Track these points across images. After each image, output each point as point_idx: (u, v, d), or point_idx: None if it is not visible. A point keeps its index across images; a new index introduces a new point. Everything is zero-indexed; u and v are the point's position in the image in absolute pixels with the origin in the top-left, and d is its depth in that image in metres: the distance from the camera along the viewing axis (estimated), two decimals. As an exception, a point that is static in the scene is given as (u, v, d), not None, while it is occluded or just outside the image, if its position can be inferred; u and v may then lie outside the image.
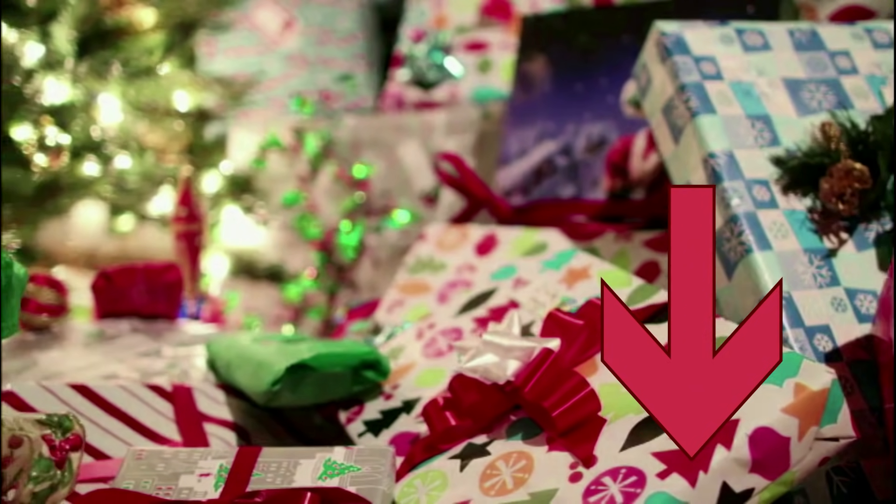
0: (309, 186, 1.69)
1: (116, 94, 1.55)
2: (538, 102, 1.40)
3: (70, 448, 0.78)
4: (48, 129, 1.45)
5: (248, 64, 1.87)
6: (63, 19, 1.45)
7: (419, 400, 1.03)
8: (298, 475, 0.89)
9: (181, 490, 0.88)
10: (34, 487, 0.76)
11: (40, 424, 0.77)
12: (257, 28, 1.86)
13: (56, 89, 1.48)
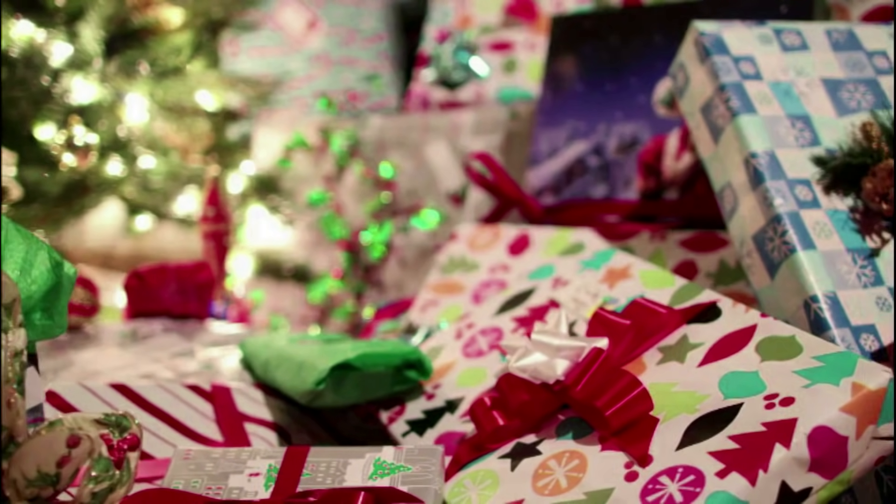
0: (335, 186, 1.69)
1: (144, 93, 1.55)
2: (569, 102, 1.40)
3: (128, 448, 0.77)
4: (76, 128, 1.45)
5: (272, 64, 1.87)
6: (90, 19, 1.45)
7: (463, 399, 1.03)
8: (349, 475, 0.89)
9: (231, 490, 0.88)
10: (94, 487, 0.76)
11: (99, 424, 0.77)
12: (281, 28, 1.86)
13: (84, 89, 1.48)
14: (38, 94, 1.49)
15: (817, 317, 0.95)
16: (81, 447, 0.77)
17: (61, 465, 0.77)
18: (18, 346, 0.78)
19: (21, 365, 0.78)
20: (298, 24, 1.86)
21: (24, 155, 1.45)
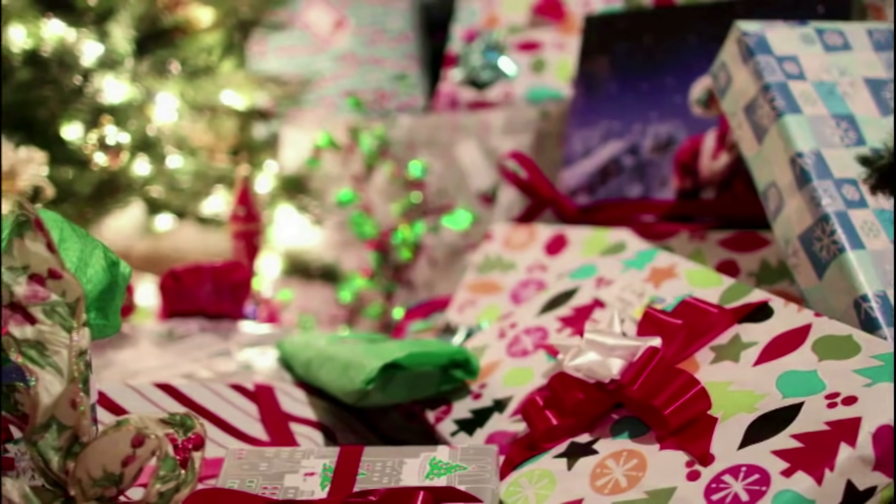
0: (363, 186, 1.69)
1: (175, 93, 1.54)
2: (603, 102, 1.40)
3: (192, 447, 0.77)
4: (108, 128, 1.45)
5: (299, 63, 1.86)
6: (121, 18, 1.44)
7: (511, 399, 1.03)
8: (405, 474, 0.89)
9: (287, 490, 0.88)
10: (161, 487, 0.75)
11: (164, 424, 0.77)
12: (308, 27, 1.86)
13: (115, 88, 1.48)
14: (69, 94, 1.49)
15: (868, 316, 0.95)
16: (146, 447, 0.77)
17: (126, 464, 0.77)
18: (83, 346, 0.78)
19: (86, 364, 0.78)
20: (325, 24, 1.86)
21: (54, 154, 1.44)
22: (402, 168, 1.65)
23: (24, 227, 0.77)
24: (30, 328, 0.77)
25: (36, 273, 0.78)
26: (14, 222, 0.77)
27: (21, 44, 1.47)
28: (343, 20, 1.87)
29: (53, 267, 0.78)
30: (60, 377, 0.77)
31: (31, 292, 0.77)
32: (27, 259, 0.77)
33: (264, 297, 1.69)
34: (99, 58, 1.47)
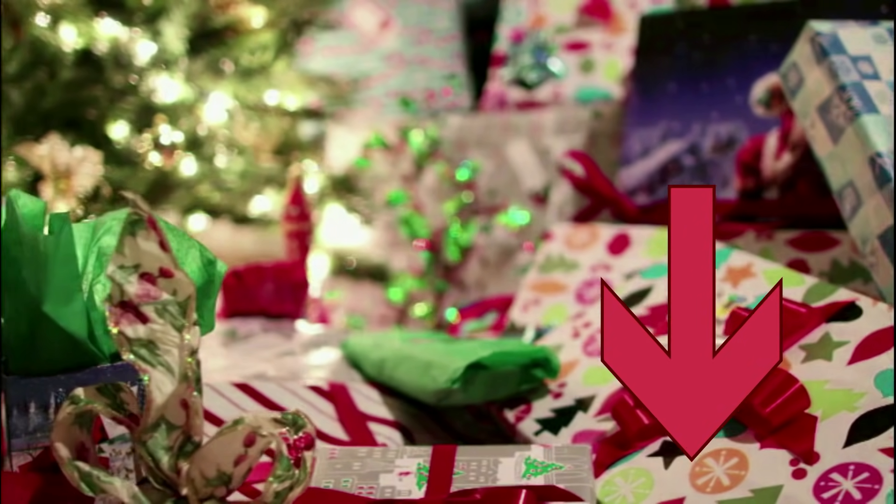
0: (413, 185, 1.68)
1: (228, 93, 1.54)
2: (661, 102, 1.40)
3: (304, 446, 0.77)
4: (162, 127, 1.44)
5: (345, 63, 1.86)
6: (174, 17, 1.44)
7: (594, 398, 1.02)
8: (501, 473, 0.89)
9: (384, 489, 0.88)
10: (277, 486, 0.75)
11: (277, 423, 0.77)
12: (354, 27, 1.85)
13: (169, 88, 1.48)
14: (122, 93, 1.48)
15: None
16: (257, 446, 0.77)
17: (237, 463, 0.77)
18: (195, 345, 0.78)
19: (198, 363, 0.78)
20: (371, 24, 1.86)
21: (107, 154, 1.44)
22: (453, 168, 1.64)
23: (137, 226, 0.77)
24: (141, 327, 0.77)
25: (147, 272, 0.77)
26: (126, 221, 0.77)
27: (72, 43, 1.47)
28: (389, 20, 1.86)
29: (165, 265, 0.77)
30: (172, 376, 0.77)
31: (143, 291, 0.77)
32: (138, 258, 0.77)
33: (314, 298, 1.68)
34: (153, 57, 1.47)
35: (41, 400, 0.86)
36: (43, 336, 0.85)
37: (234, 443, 0.76)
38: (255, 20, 1.55)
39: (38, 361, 0.86)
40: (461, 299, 1.63)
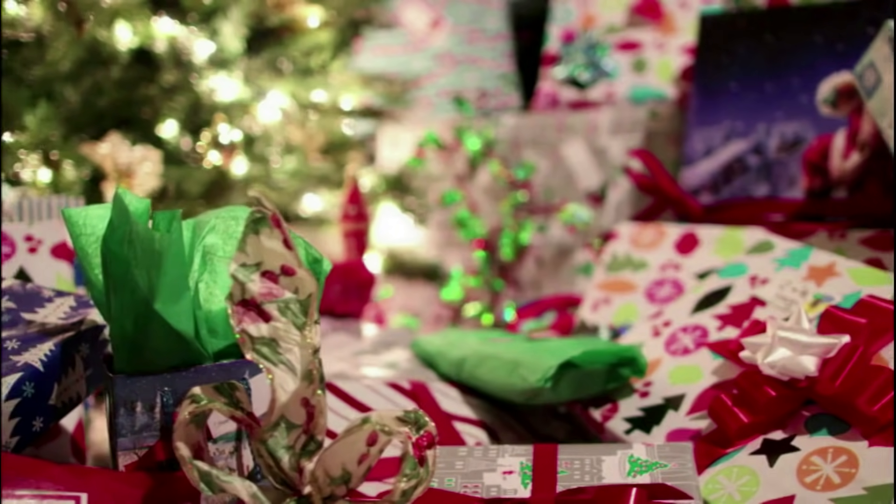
0: (466, 185, 1.68)
1: (286, 92, 1.53)
2: (723, 102, 1.41)
3: (426, 445, 0.77)
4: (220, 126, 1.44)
5: (395, 63, 1.86)
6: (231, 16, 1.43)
7: (683, 397, 1.02)
8: (606, 472, 0.88)
9: (489, 488, 0.88)
10: (405, 485, 0.75)
11: (400, 422, 0.76)
12: (405, 26, 1.85)
13: (227, 86, 1.47)
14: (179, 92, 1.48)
15: None
16: (378, 445, 0.77)
17: (360, 462, 0.77)
18: (316, 343, 0.78)
19: (319, 362, 0.77)
20: (421, 23, 1.85)
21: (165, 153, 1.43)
22: (508, 167, 1.64)
23: (260, 224, 0.77)
24: (264, 325, 0.77)
25: (269, 270, 0.77)
26: (249, 219, 0.76)
27: (127, 42, 1.46)
28: (440, 19, 1.86)
29: (286, 263, 0.77)
30: (294, 375, 0.77)
31: (266, 289, 0.77)
32: (260, 256, 0.77)
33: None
34: (210, 56, 1.46)
35: (148, 399, 0.86)
36: (151, 335, 0.84)
37: (359, 442, 0.76)
38: (311, 19, 1.54)
39: (144, 360, 0.86)
40: (516, 299, 1.63)
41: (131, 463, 0.86)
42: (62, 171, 1.41)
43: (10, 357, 0.90)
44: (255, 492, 0.76)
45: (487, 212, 1.67)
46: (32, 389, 0.89)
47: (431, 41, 1.85)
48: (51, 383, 0.91)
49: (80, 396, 0.98)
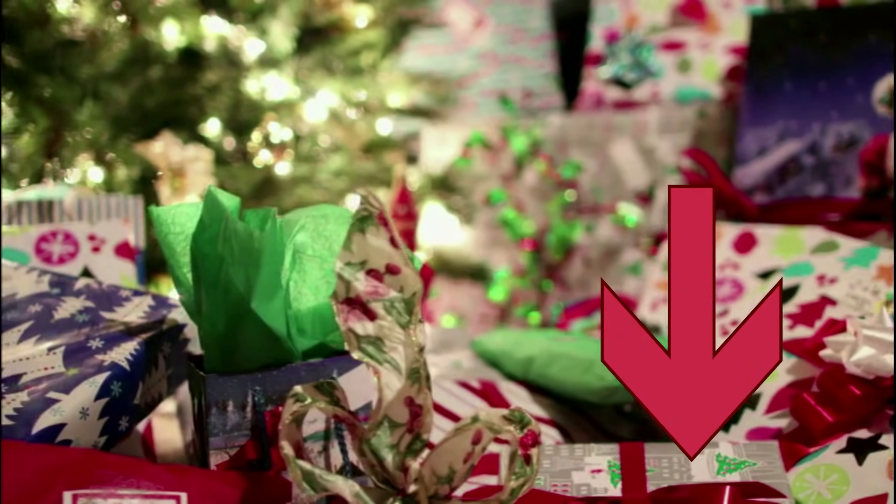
0: (513, 184, 1.68)
1: (336, 91, 1.53)
2: (777, 101, 1.41)
3: (531, 444, 0.77)
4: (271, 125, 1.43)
5: (439, 62, 1.85)
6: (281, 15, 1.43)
7: (760, 395, 1.03)
8: (695, 470, 0.89)
9: (579, 486, 0.88)
10: (514, 484, 0.75)
11: (506, 420, 0.76)
12: (448, 26, 1.85)
13: (278, 86, 1.46)
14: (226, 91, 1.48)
15: None
16: (481, 443, 0.77)
17: (465, 461, 0.76)
18: (422, 342, 0.78)
19: (425, 361, 0.77)
20: (465, 23, 1.85)
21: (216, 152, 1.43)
22: (554, 167, 1.64)
23: (367, 222, 0.76)
24: (370, 324, 0.76)
25: (373, 268, 0.77)
26: (355, 217, 0.76)
27: (174, 41, 1.45)
28: (483, 19, 1.86)
29: (392, 262, 0.77)
30: (399, 374, 0.76)
31: (372, 288, 0.76)
32: (366, 254, 0.77)
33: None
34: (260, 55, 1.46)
35: (239, 398, 0.86)
36: (244, 334, 0.84)
37: (466, 440, 0.76)
38: (359, 19, 1.54)
39: (236, 360, 0.86)
40: (565, 298, 1.63)
41: (222, 462, 0.86)
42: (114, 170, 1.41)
43: (95, 356, 0.90)
44: (357, 491, 0.76)
45: (534, 211, 1.67)
46: (120, 389, 0.89)
47: (474, 41, 1.85)
48: (136, 382, 0.91)
49: (162, 396, 0.98)
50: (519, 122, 1.70)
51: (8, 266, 1.04)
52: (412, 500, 0.77)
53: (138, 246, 1.23)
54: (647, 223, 1.58)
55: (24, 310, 0.97)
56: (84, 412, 0.85)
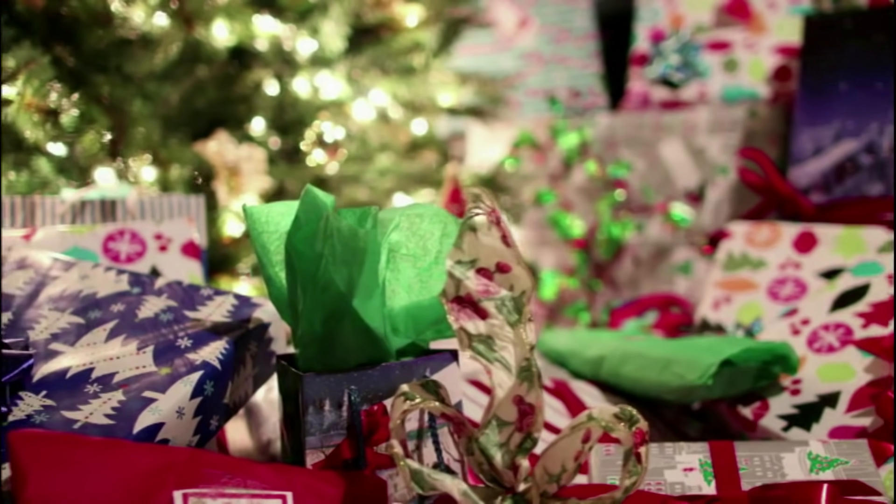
0: (560, 184, 1.68)
1: (388, 90, 1.53)
2: (832, 101, 1.41)
3: (640, 442, 0.77)
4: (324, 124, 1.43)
5: (483, 62, 1.85)
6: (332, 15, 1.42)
7: (839, 394, 1.03)
8: (787, 469, 0.89)
9: (672, 485, 0.88)
10: (628, 482, 0.75)
11: (616, 419, 0.76)
12: (493, 26, 1.84)
13: (330, 85, 1.46)
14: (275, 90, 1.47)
15: None
16: (590, 442, 0.77)
17: (576, 459, 0.76)
18: (532, 341, 0.77)
19: (535, 360, 0.77)
20: (510, 23, 1.85)
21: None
22: (603, 167, 1.64)
23: (478, 221, 0.76)
24: (481, 323, 0.76)
25: (483, 267, 0.77)
26: (467, 216, 0.76)
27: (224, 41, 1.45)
28: (527, 19, 1.86)
29: (502, 260, 0.77)
30: (509, 373, 0.76)
31: (483, 287, 0.76)
32: (477, 252, 0.77)
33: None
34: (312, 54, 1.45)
35: (336, 397, 0.85)
36: (343, 332, 0.84)
37: (577, 439, 0.76)
38: (410, 18, 1.54)
39: (334, 358, 0.85)
40: (614, 298, 1.63)
41: (318, 462, 0.86)
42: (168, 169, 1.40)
43: (185, 355, 0.90)
44: (465, 489, 0.76)
45: (583, 211, 1.67)
46: (212, 388, 0.88)
47: (519, 41, 1.85)
48: (226, 382, 0.91)
49: (248, 395, 0.98)
50: (568, 122, 1.70)
51: (85, 265, 1.04)
52: (522, 498, 0.77)
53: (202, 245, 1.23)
54: (698, 222, 1.58)
55: (107, 309, 0.97)
56: (180, 411, 0.85)
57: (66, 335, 0.94)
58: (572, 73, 1.82)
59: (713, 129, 1.57)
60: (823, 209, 1.37)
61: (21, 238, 1.13)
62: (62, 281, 1.01)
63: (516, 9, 1.88)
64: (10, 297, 0.99)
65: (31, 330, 0.94)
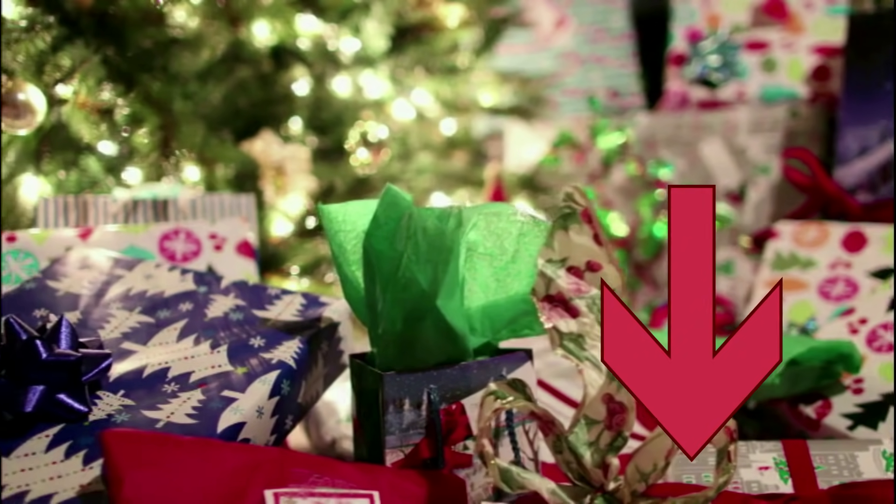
0: (600, 183, 1.68)
1: (430, 90, 1.53)
2: (877, 101, 1.41)
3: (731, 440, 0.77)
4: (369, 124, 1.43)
5: (521, 61, 1.85)
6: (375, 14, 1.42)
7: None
8: (863, 467, 0.89)
9: (749, 484, 0.88)
10: (722, 480, 0.75)
11: (706, 417, 0.76)
12: (531, 25, 1.84)
13: (374, 84, 1.46)
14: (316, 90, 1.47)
15: None
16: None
17: (667, 457, 0.76)
18: (621, 339, 0.77)
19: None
20: (547, 22, 1.85)
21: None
22: (643, 166, 1.64)
23: (570, 220, 0.76)
24: (572, 321, 0.77)
25: (574, 265, 0.77)
26: (558, 214, 0.76)
27: (265, 40, 1.44)
28: (565, 18, 1.86)
29: (593, 259, 0.77)
30: (599, 371, 0.77)
31: (574, 285, 0.76)
32: (568, 251, 0.77)
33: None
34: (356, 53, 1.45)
35: (415, 396, 0.85)
36: (424, 331, 0.84)
37: (666, 437, 0.76)
38: (451, 18, 1.54)
39: (414, 357, 0.85)
40: (655, 298, 1.63)
41: (398, 461, 0.86)
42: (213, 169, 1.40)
43: (259, 354, 0.89)
44: (553, 488, 0.76)
45: (622, 211, 1.67)
46: (289, 387, 0.88)
47: (556, 41, 1.85)
48: (300, 381, 0.91)
49: (319, 394, 0.98)
50: (609, 122, 1.70)
51: (147, 264, 1.04)
52: (613, 497, 0.77)
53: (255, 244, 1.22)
54: (739, 222, 1.59)
55: (176, 308, 0.97)
56: (260, 411, 0.85)
57: (136, 334, 0.93)
58: (609, 72, 1.83)
59: (754, 129, 1.57)
60: (870, 209, 1.38)
61: (78, 237, 1.12)
62: (127, 280, 1.01)
63: (553, 9, 1.88)
64: (77, 296, 0.98)
65: (101, 329, 0.94)
